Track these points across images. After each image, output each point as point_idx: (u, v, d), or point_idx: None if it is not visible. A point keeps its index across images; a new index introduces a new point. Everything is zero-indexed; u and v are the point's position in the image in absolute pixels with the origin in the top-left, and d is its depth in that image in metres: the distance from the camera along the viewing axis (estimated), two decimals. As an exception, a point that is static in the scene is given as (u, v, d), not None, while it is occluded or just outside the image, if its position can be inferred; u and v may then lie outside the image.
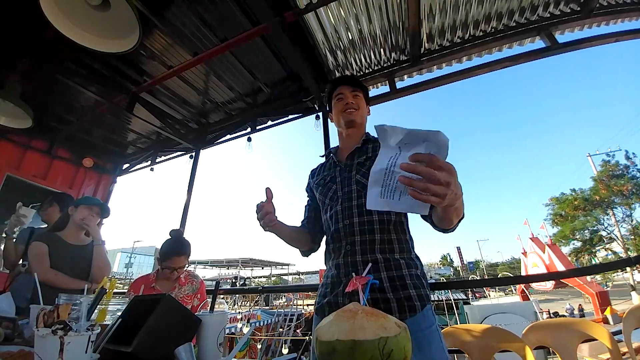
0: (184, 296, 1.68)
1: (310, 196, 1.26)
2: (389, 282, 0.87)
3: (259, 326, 7.78)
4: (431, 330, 0.84)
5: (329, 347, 0.52)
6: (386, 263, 0.90)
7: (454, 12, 2.21)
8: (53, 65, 2.50)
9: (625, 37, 2.20)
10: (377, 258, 0.91)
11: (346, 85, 1.17)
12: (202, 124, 3.53)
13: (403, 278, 0.88)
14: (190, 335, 0.81)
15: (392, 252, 0.93)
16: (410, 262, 0.93)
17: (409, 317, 0.82)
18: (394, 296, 0.84)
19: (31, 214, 2.25)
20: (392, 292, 0.85)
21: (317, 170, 1.25)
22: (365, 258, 0.91)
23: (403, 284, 0.87)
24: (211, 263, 27.74)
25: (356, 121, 1.14)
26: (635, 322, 1.37)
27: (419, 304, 0.84)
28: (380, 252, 0.92)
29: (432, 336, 0.84)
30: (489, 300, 18.04)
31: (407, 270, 0.90)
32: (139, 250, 44.25)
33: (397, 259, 0.92)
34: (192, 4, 2.06)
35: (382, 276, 0.88)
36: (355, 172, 1.04)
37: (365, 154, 1.08)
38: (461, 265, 40.54)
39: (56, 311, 0.64)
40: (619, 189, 18.96)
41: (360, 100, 1.17)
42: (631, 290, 12.71)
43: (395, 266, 0.90)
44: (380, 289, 0.85)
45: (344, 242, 0.96)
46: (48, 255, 1.68)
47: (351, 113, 1.13)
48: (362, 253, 0.92)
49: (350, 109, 1.13)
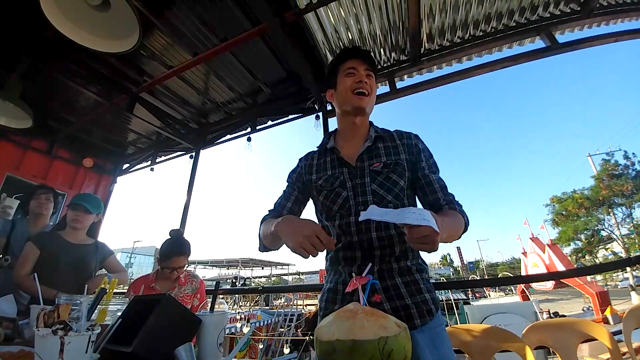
0: (183, 296, 1.68)
1: (298, 187, 1.06)
2: (405, 287, 0.86)
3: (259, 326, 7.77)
4: (442, 328, 0.86)
5: (329, 347, 0.52)
6: (400, 271, 0.89)
7: (454, 12, 2.21)
8: (53, 65, 2.51)
9: (625, 37, 2.20)
10: (393, 267, 0.89)
11: (360, 59, 0.99)
12: (202, 124, 3.53)
13: (417, 282, 0.88)
14: (190, 335, 0.81)
15: (406, 260, 0.92)
16: (420, 267, 0.93)
17: (429, 321, 0.82)
18: (412, 301, 0.83)
19: (15, 204, 2.23)
20: (409, 297, 0.84)
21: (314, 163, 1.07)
22: (382, 267, 0.89)
23: (418, 288, 0.86)
24: (211, 263, 27.74)
25: (366, 110, 1.00)
26: (635, 322, 1.37)
27: (433, 307, 0.85)
28: (396, 261, 0.90)
29: (444, 334, 0.86)
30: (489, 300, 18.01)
31: (419, 274, 0.90)
32: (139, 250, 44.26)
33: (410, 266, 0.91)
34: (192, 4, 2.06)
35: (397, 282, 0.87)
36: (370, 180, 0.93)
37: (379, 157, 0.97)
38: (461, 265, 40.51)
39: (56, 311, 0.64)
40: (619, 188, 18.96)
41: (372, 83, 1.00)
42: (631, 291, 12.71)
43: (407, 271, 0.89)
44: (397, 295, 0.84)
45: (359, 253, 0.91)
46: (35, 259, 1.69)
47: (363, 98, 0.97)
48: (380, 263, 0.89)
49: (363, 90, 0.96)
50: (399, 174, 0.94)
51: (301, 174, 1.08)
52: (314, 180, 1.03)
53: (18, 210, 2.29)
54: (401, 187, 0.94)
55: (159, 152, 4.02)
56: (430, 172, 0.97)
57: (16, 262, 1.86)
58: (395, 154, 0.98)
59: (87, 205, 1.84)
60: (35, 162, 3.52)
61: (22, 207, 2.21)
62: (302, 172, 1.08)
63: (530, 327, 1.40)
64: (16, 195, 2.36)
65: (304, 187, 1.06)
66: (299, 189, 1.06)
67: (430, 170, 0.97)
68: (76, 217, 1.82)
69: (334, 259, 0.98)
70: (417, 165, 0.97)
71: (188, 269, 1.85)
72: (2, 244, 2.05)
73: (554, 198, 22.47)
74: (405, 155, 0.97)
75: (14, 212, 2.21)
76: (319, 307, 1.00)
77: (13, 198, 2.24)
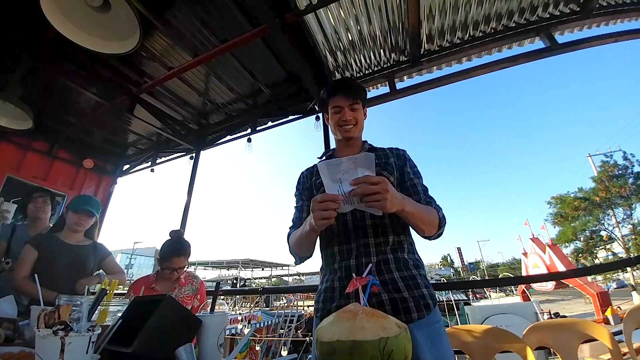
0: (184, 297, 1.68)
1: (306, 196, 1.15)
2: (402, 282, 0.88)
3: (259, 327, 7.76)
4: (440, 325, 0.89)
5: (330, 347, 0.52)
6: (397, 264, 0.91)
7: (454, 13, 2.22)
8: (53, 66, 2.51)
9: (625, 37, 2.21)
10: (389, 258, 0.92)
11: (344, 96, 1.08)
12: (203, 125, 3.53)
13: (415, 277, 0.90)
14: (190, 336, 0.81)
15: (403, 252, 0.95)
16: (417, 263, 0.96)
17: (426, 315, 0.84)
18: (409, 295, 0.85)
19: (13, 208, 2.23)
20: (407, 291, 0.86)
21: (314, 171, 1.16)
22: (378, 258, 0.92)
23: (415, 283, 0.89)
24: (211, 264, 27.70)
25: (354, 137, 1.12)
26: (636, 323, 1.37)
27: (431, 302, 0.87)
28: (392, 252, 0.94)
29: (441, 330, 0.88)
30: (490, 300, 18.00)
31: (416, 270, 0.93)
32: (139, 251, 44.16)
33: (406, 259, 0.94)
34: (193, 6, 2.07)
35: (395, 276, 0.89)
36: None
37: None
38: (462, 266, 40.50)
39: (57, 312, 0.64)
40: (618, 189, 18.95)
41: (358, 113, 1.10)
42: (632, 291, 12.68)
43: (404, 266, 0.92)
44: (395, 289, 0.86)
45: (354, 244, 0.95)
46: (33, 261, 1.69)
47: (349, 130, 1.08)
48: (376, 254, 0.93)
49: (348, 125, 1.07)
50: (389, 171, 1.05)
51: (304, 182, 1.19)
52: (315, 181, 1.13)
53: (18, 214, 2.29)
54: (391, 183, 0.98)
55: (159, 153, 4.02)
56: (414, 177, 1.07)
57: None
58: (385, 157, 1.11)
59: (92, 210, 1.85)
60: (35, 163, 3.52)
61: (22, 210, 2.22)
62: (304, 180, 1.19)
63: (531, 327, 1.40)
64: (14, 200, 2.37)
65: (310, 194, 1.14)
66: (307, 197, 1.15)
67: (415, 175, 1.08)
68: (79, 220, 1.83)
69: (330, 255, 1.01)
70: (404, 170, 1.09)
71: (188, 269, 1.85)
72: (3, 247, 2.05)
73: (554, 198, 22.48)
74: (394, 159, 1.10)
75: (12, 215, 2.21)
76: (315, 308, 1.00)
77: (11, 202, 2.24)
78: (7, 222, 2.17)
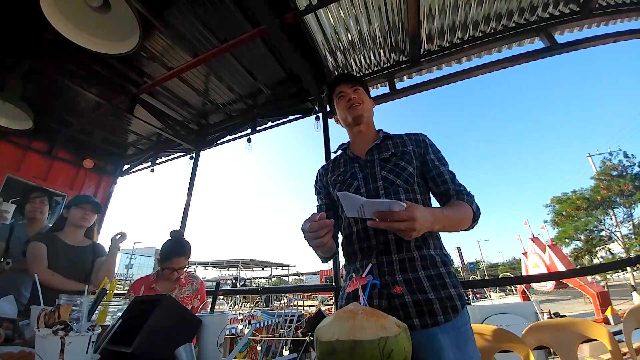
0: (184, 297, 1.68)
1: (324, 194, 1.16)
2: (428, 282, 0.83)
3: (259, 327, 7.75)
4: (468, 327, 0.83)
5: (329, 347, 0.53)
6: (422, 261, 0.86)
7: (454, 13, 2.22)
8: (53, 66, 2.51)
9: (624, 37, 2.21)
10: (414, 256, 0.86)
11: (345, 83, 1.16)
12: (203, 125, 3.53)
13: (442, 277, 0.85)
14: (190, 335, 0.81)
15: (428, 248, 0.89)
16: (444, 259, 0.90)
17: (453, 318, 0.79)
18: (435, 296, 0.80)
19: (12, 209, 2.23)
20: (433, 291, 0.81)
21: (329, 167, 1.17)
22: (402, 256, 0.86)
23: (442, 283, 0.83)
24: (211, 264, 27.71)
25: (363, 115, 1.11)
26: (636, 322, 1.37)
27: (459, 304, 0.82)
28: (417, 249, 0.87)
29: (469, 333, 0.83)
30: (490, 300, 17.99)
31: (444, 268, 0.87)
32: (139, 251, 44.15)
33: (433, 255, 0.88)
34: (192, 6, 2.07)
35: (420, 275, 0.84)
36: (380, 168, 1.00)
37: (389, 150, 1.04)
38: (462, 266, 40.44)
39: (57, 312, 0.64)
40: (618, 189, 18.94)
41: (362, 94, 1.15)
42: (632, 291, 12.67)
43: (431, 264, 0.86)
44: (420, 289, 0.81)
45: (374, 241, 0.90)
46: (46, 255, 1.68)
47: (356, 108, 1.10)
48: (398, 251, 0.87)
49: (354, 104, 1.11)
50: (407, 160, 1.00)
51: (322, 180, 1.18)
52: (330, 178, 1.12)
53: (16, 214, 2.29)
54: (410, 173, 0.98)
55: (159, 153, 4.02)
56: (440, 164, 1.02)
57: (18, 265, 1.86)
58: (403, 145, 1.06)
59: (94, 205, 1.87)
60: (35, 163, 3.52)
61: (20, 210, 2.23)
62: (321, 177, 1.19)
63: (531, 327, 1.40)
64: (12, 200, 2.37)
65: (328, 191, 1.14)
66: (325, 195, 1.15)
67: (440, 162, 1.03)
68: (85, 215, 1.83)
69: (351, 253, 0.98)
70: (425, 158, 1.03)
71: (188, 269, 1.85)
72: (2, 248, 2.05)
73: (554, 199, 22.47)
74: (413, 147, 1.05)
75: (10, 216, 2.21)
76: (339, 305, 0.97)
77: (10, 202, 2.24)
78: (5, 222, 2.16)
